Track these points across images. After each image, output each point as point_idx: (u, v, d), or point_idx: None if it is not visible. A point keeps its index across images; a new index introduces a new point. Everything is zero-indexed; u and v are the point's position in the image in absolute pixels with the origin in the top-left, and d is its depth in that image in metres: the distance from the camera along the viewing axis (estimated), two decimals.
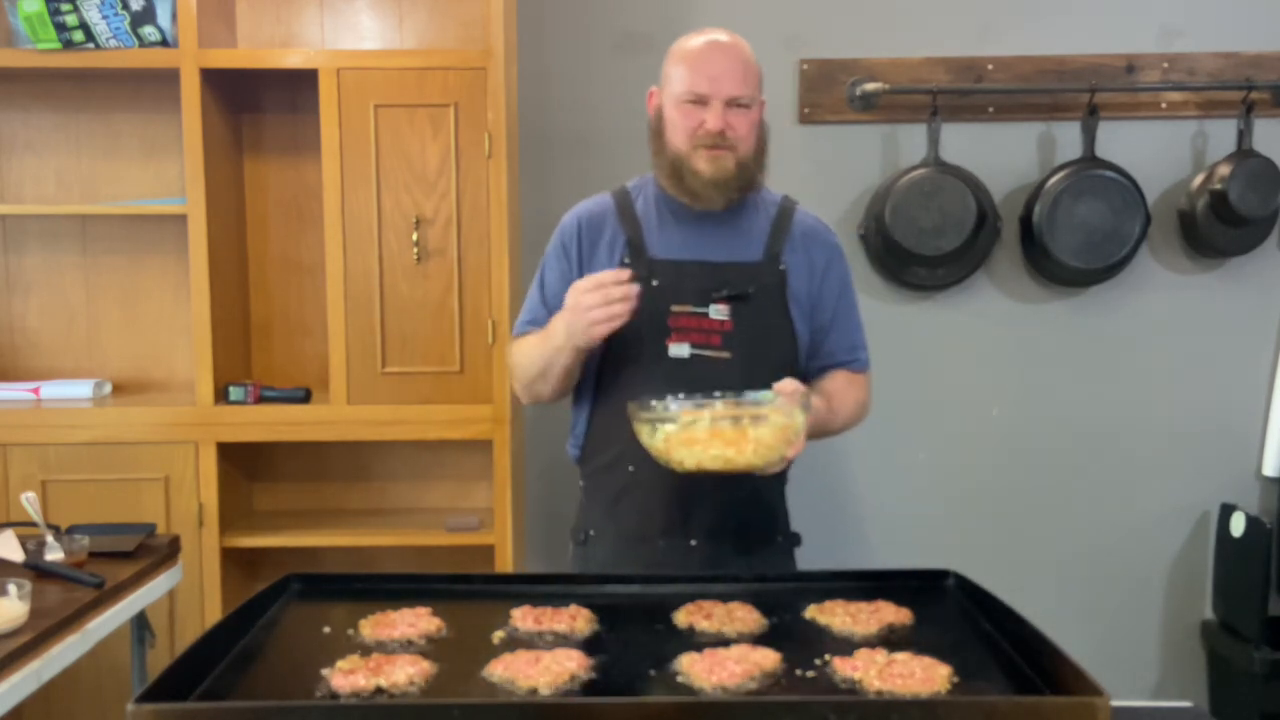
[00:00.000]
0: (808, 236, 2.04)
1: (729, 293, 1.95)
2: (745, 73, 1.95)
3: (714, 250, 1.99)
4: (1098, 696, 1.15)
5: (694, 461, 1.65)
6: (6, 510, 2.59)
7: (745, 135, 1.95)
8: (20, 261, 2.97)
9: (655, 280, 1.96)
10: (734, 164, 1.95)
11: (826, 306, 2.03)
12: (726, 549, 1.97)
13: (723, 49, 1.97)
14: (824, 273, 2.03)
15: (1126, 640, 3.12)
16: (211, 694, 1.28)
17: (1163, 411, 3.07)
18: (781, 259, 2.00)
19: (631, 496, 1.99)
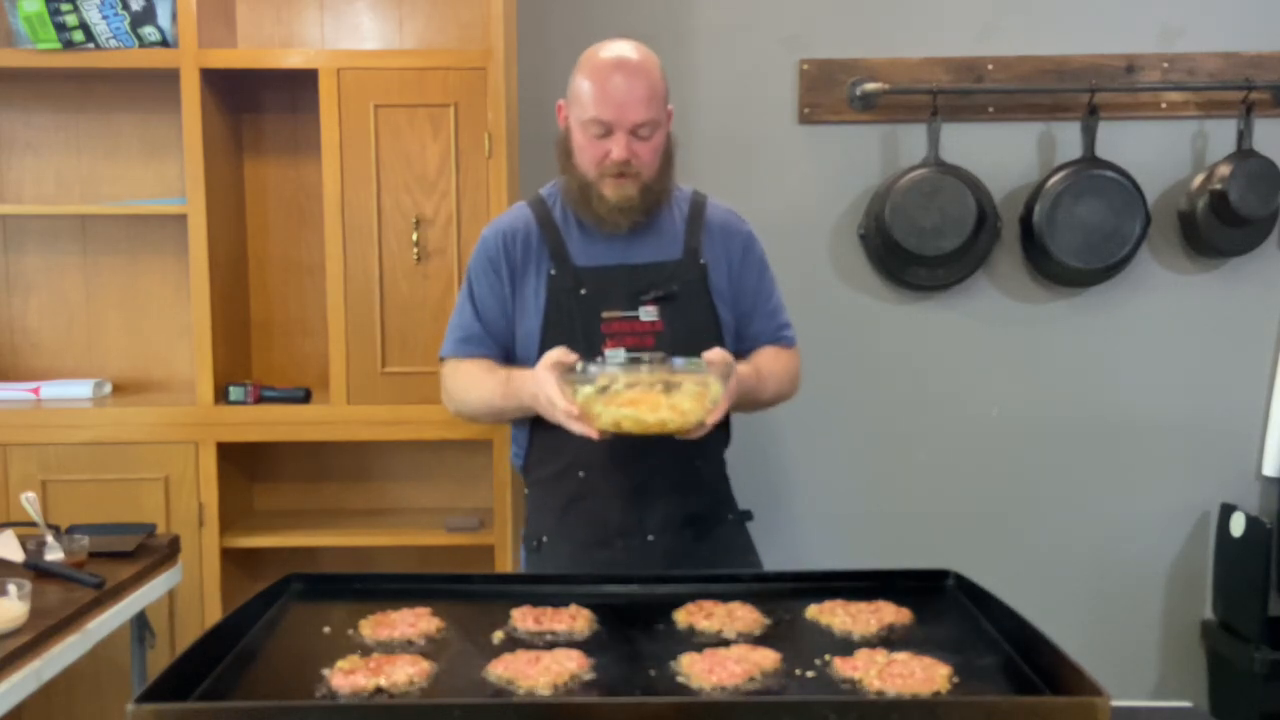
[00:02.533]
0: (722, 229, 2.08)
1: (656, 294, 1.98)
2: (650, 98, 1.93)
3: (635, 253, 2.02)
4: (1098, 696, 1.15)
5: (610, 420, 1.71)
6: (6, 510, 2.59)
7: (649, 161, 1.97)
8: (20, 261, 2.97)
9: (583, 289, 1.99)
10: (637, 190, 1.96)
11: (748, 293, 2.08)
12: (685, 536, 2.02)
13: (628, 71, 1.92)
14: (741, 261, 2.07)
15: (1126, 640, 3.12)
16: (211, 694, 1.28)
17: (1163, 412, 3.07)
18: (701, 254, 2.03)
19: (585, 502, 2.02)
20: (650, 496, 2.00)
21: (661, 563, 1.98)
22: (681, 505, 2.02)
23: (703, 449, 1.98)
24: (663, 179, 2.00)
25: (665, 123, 1.99)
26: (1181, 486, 3.09)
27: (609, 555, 2.00)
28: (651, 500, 2.00)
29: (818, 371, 3.07)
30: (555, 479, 2.04)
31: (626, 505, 2.00)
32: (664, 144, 1.99)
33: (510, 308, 2.04)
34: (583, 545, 2.03)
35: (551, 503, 2.06)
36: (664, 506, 2.01)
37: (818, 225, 3.05)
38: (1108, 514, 3.09)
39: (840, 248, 3.05)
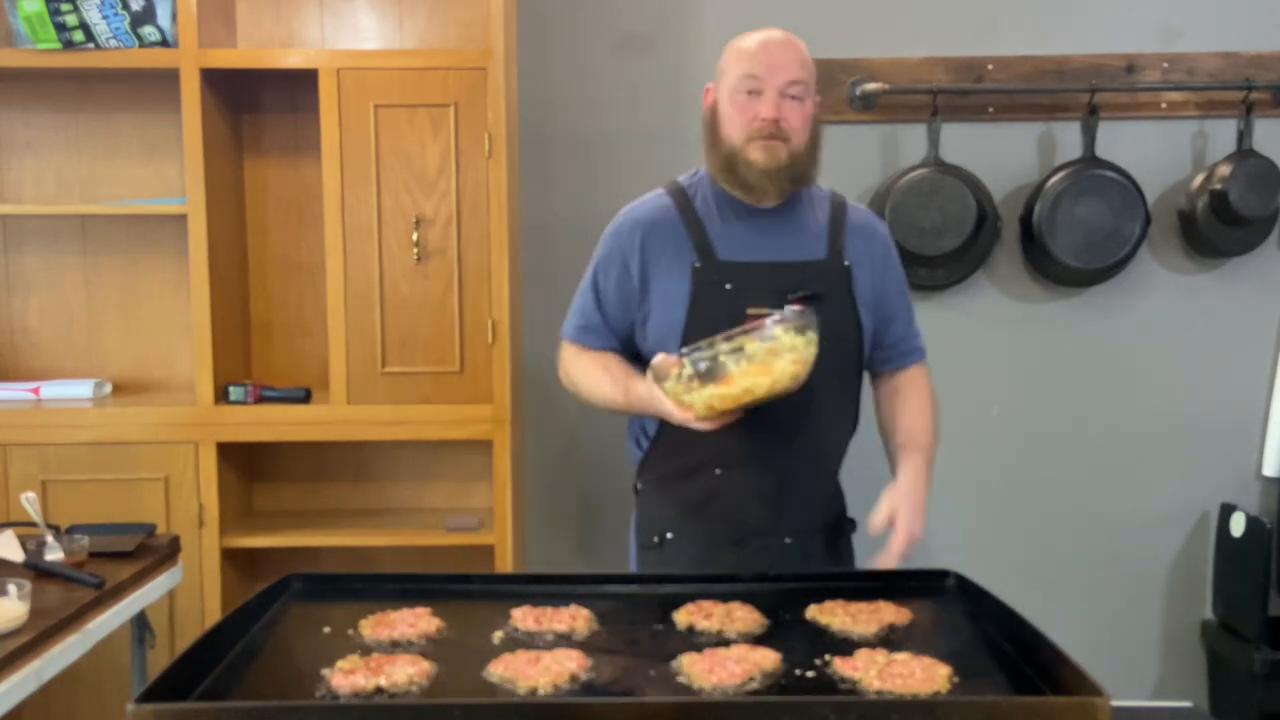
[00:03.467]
0: (864, 230, 2.06)
1: (804, 293, 1.94)
2: (801, 64, 1.98)
3: (779, 250, 1.99)
4: (1098, 696, 1.15)
5: (702, 404, 1.74)
6: (6, 510, 2.59)
7: (798, 127, 1.96)
8: (20, 261, 2.97)
9: (728, 284, 1.96)
10: (786, 154, 1.95)
11: (890, 297, 2.07)
12: (818, 542, 2.02)
13: (779, 43, 2.00)
14: (884, 265, 2.06)
15: (1126, 640, 3.12)
16: (211, 694, 1.28)
17: (1162, 411, 3.07)
18: (845, 256, 2.02)
19: (720, 500, 1.99)
20: (789, 497, 1.98)
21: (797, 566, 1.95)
22: (820, 509, 2.04)
23: (837, 450, 2.07)
24: (810, 154, 2.00)
25: (812, 96, 2.01)
26: (1181, 486, 3.09)
27: (743, 555, 1.96)
28: (790, 501, 1.99)
29: None
30: (684, 476, 2.00)
31: (765, 505, 1.98)
32: (812, 118, 2.00)
33: (637, 300, 2.02)
34: (714, 545, 1.99)
35: (678, 500, 2.02)
36: (803, 509, 2.00)
37: None
38: (1108, 514, 3.09)
39: None
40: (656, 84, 3.02)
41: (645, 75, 3.02)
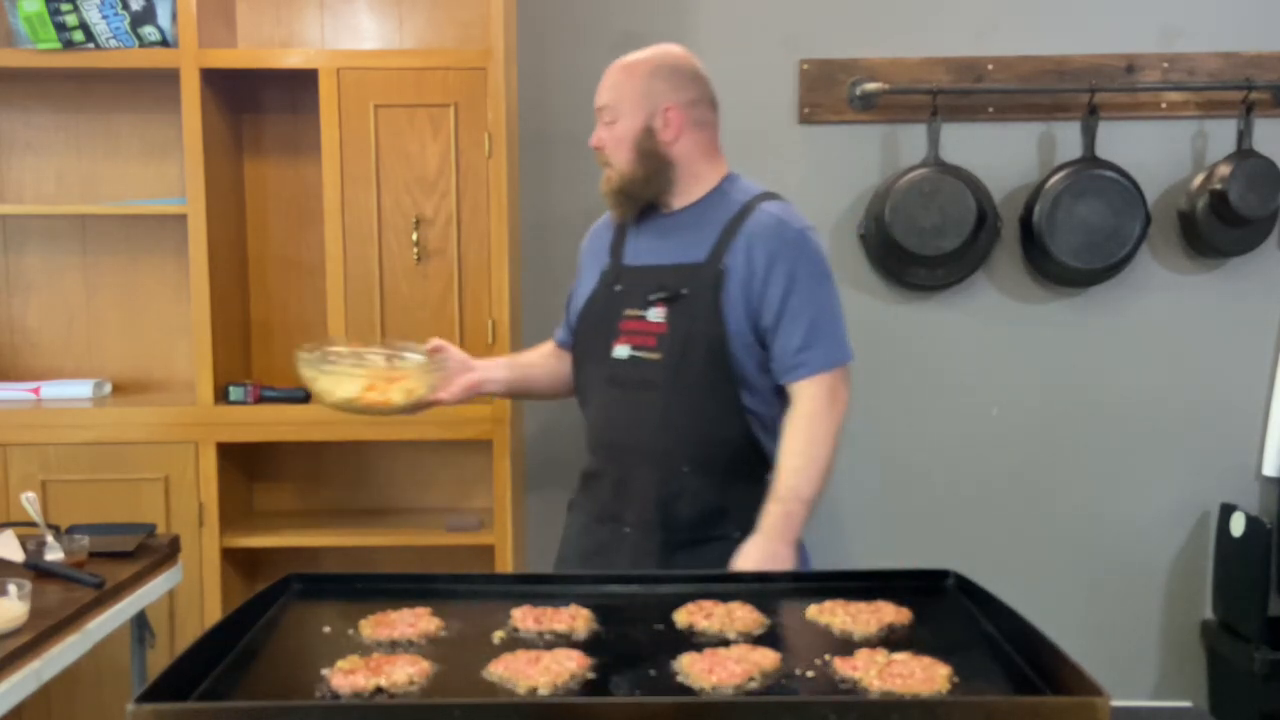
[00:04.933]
0: (756, 235, 2.01)
1: (660, 295, 2.02)
2: (609, 88, 2.07)
3: (669, 254, 2.06)
4: (1098, 696, 1.15)
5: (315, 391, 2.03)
6: (6, 510, 2.59)
7: (613, 149, 2.06)
8: (20, 261, 2.97)
9: (618, 286, 2.09)
10: (615, 177, 2.07)
11: (770, 307, 1.99)
12: (657, 539, 2.03)
13: (613, 65, 2.09)
14: (766, 272, 1.99)
15: (1126, 640, 3.12)
16: (211, 694, 1.28)
17: (1163, 411, 3.07)
18: (723, 260, 2.01)
19: (590, 481, 2.15)
20: (631, 488, 2.05)
21: (630, 555, 2.03)
22: (664, 506, 2.02)
23: (692, 456, 2.01)
24: (638, 172, 2.05)
25: (633, 114, 2.04)
26: (1181, 486, 3.09)
27: (596, 540, 2.10)
28: (632, 492, 2.05)
29: None
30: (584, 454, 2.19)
31: (613, 494, 2.08)
32: (634, 137, 2.04)
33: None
34: (585, 522, 2.15)
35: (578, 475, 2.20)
36: (643, 503, 2.04)
37: (818, 225, 2.97)
38: (1108, 514, 3.09)
39: (840, 248, 3.05)
40: None
41: None
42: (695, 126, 2.06)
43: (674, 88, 2.05)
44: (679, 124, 2.04)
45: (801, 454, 1.96)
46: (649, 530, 2.03)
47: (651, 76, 2.04)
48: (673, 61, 2.08)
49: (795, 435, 1.97)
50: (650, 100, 2.04)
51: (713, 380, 1.99)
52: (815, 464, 1.96)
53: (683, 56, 2.10)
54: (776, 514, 1.93)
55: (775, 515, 1.93)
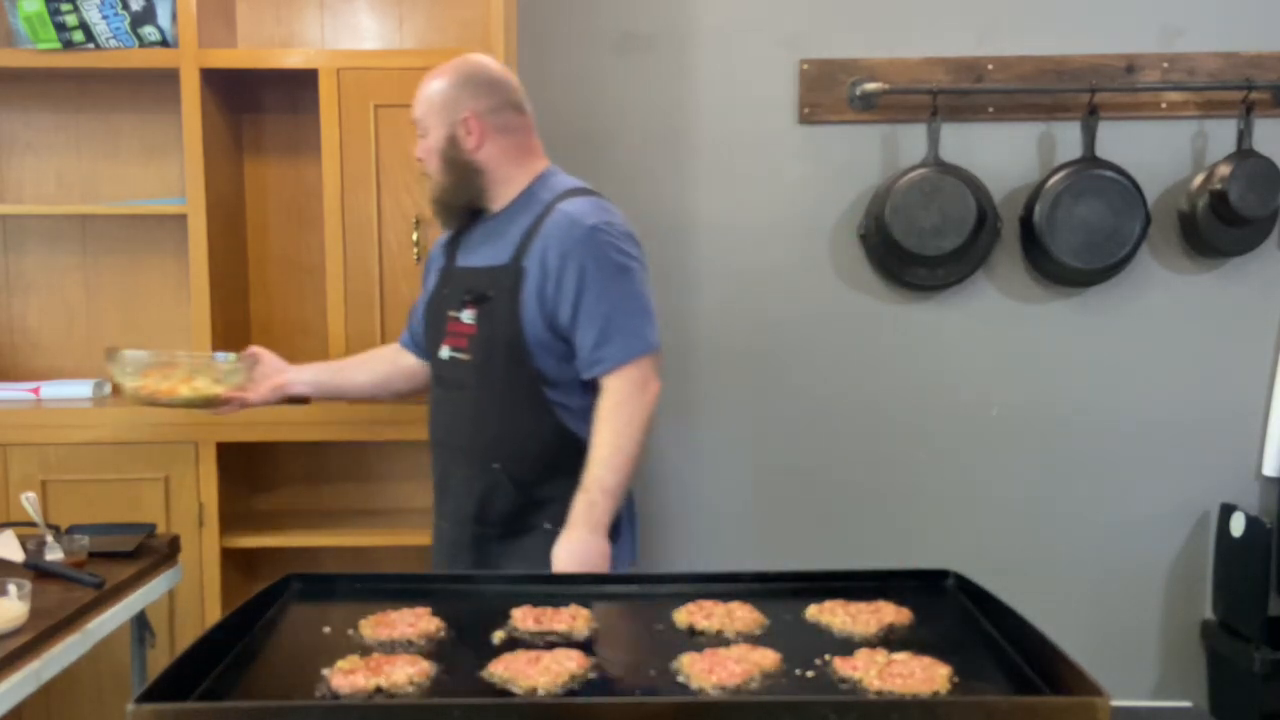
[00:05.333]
0: (550, 235, 2.04)
1: (467, 298, 2.09)
2: (421, 99, 2.13)
3: (483, 256, 2.12)
4: (1098, 696, 1.15)
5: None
6: (6, 510, 2.59)
7: (426, 161, 2.14)
8: (20, 261, 2.97)
9: (446, 288, 2.17)
10: (432, 188, 2.15)
11: (565, 305, 2.02)
12: (472, 531, 2.11)
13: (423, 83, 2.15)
14: (559, 270, 2.02)
15: (1126, 640, 3.12)
16: (211, 694, 1.28)
17: (1163, 411, 3.07)
18: (522, 261, 2.05)
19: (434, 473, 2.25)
20: (447, 484, 2.17)
21: (449, 550, 2.16)
22: (475, 503, 2.10)
23: (502, 453, 2.07)
24: (447, 181, 2.12)
25: (437, 126, 2.11)
26: (1181, 486, 3.09)
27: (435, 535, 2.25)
28: (447, 488, 2.17)
29: (818, 371, 3.08)
30: None
31: (438, 488, 2.21)
32: (440, 149, 2.11)
33: None
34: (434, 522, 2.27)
35: None
36: (457, 499, 2.13)
37: (818, 225, 3.05)
38: (1108, 514, 3.09)
39: (840, 248, 3.05)
40: (656, 84, 3.02)
41: (645, 75, 3.02)
42: (499, 132, 2.11)
43: (472, 96, 2.10)
44: (480, 131, 2.10)
45: (606, 444, 2.00)
46: (464, 525, 2.12)
47: (450, 88, 2.11)
48: (469, 71, 2.13)
49: (601, 428, 2.02)
50: (450, 111, 2.10)
51: (516, 379, 2.05)
52: (619, 454, 2.00)
53: (481, 65, 2.15)
54: (581, 504, 1.99)
55: (580, 505, 2.00)
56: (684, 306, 3.06)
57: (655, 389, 2.05)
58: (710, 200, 3.04)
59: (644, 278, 2.08)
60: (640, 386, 2.02)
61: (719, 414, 3.09)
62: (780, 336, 3.07)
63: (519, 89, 2.17)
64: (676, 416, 3.09)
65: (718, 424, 3.09)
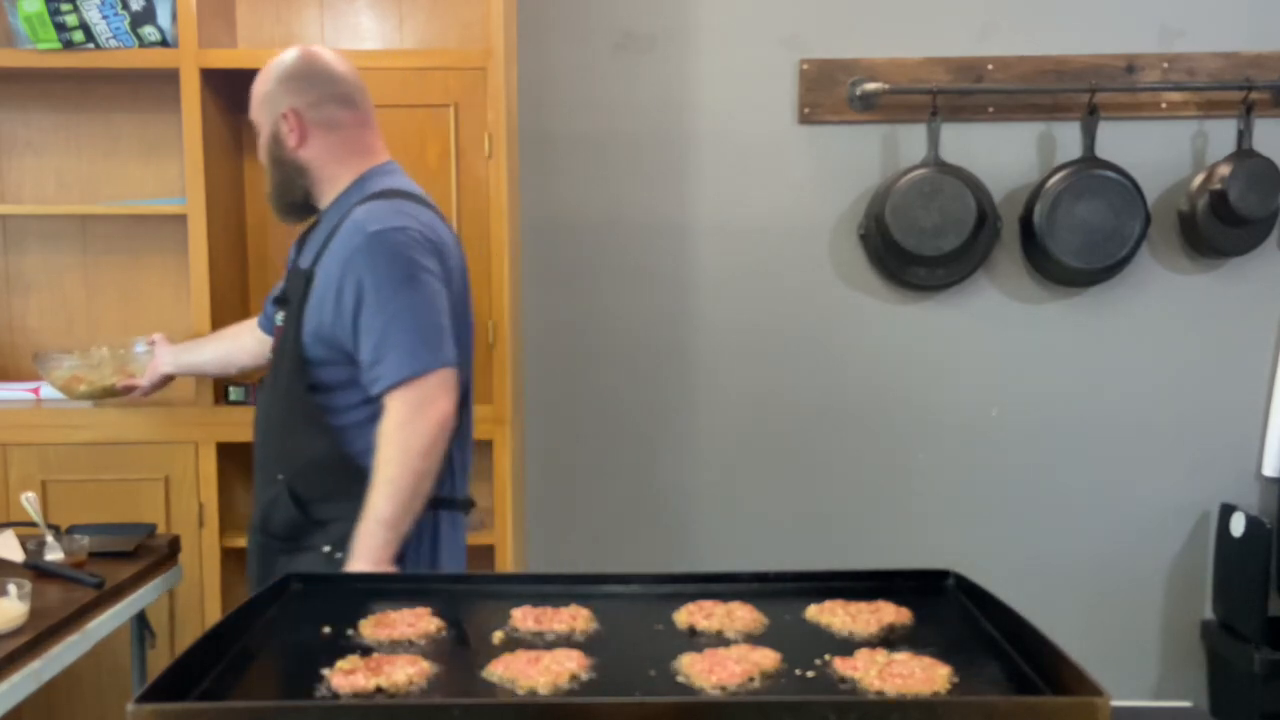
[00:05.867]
0: (340, 242, 1.93)
1: (279, 300, 2.07)
2: (253, 96, 2.06)
3: (303, 257, 2.06)
4: (1098, 696, 1.15)
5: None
6: (6, 510, 2.59)
7: (261, 159, 2.08)
8: (20, 261, 2.97)
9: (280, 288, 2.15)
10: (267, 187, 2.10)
11: (345, 316, 1.90)
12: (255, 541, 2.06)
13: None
14: (340, 281, 1.90)
15: (1126, 640, 3.12)
16: (211, 694, 1.28)
17: (1162, 411, 3.07)
18: (315, 266, 1.97)
19: None
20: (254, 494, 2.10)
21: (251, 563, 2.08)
22: (259, 511, 2.04)
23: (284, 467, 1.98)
24: (274, 178, 2.06)
25: (264, 124, 2.03)
26: (1181, 486, 3.09)
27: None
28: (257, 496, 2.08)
29: (817, 371, 3.08)
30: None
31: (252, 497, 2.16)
32: (266, 145, 2.04)
33: None
34: None
35: None
36: (258, 507, 2.05)
37: (818, 225, 3.05)
38: (1108, 513, 3.10)
39: (840, 248, 3.05)
40: (656, 84, 3.02)
41: (645, 75, 3.03)
42: (324, 128, 2.00)
43: (292, 91, 1.99)
44: (301, 127, 1.99)
45: (381, 471, 1.85)
46: (253, 533, 2.06)
47: (271, 83, 2.01)
48: (292, 65, 2.01)
49: (379, 453, 1.87)
50: (272, 107, 2.01)
51: (296, 392, 1.96)
52: (393, 483, 1.84)
53: (306, 58, 2.03)
54: (360, 532, 1.86)
55: (360, 533, 1.86)
56: (684, 306, 3.06)
57: (438, 411, 1.86)
58: (710, 200, 3.04)
59: (435, 289, 1.91)
60: (417, 408, 1.85)
61: (718, 413, 3.09)
62: (780, 336, 3.07)
63: (351, 82, 2.04)
64: (676, 416, 3.09)
65: (717, 423, 3.09)
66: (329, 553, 1.92)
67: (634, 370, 3.08)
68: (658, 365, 3.08)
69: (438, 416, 1.86)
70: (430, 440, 1.85)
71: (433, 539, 1.99)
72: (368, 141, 2.07)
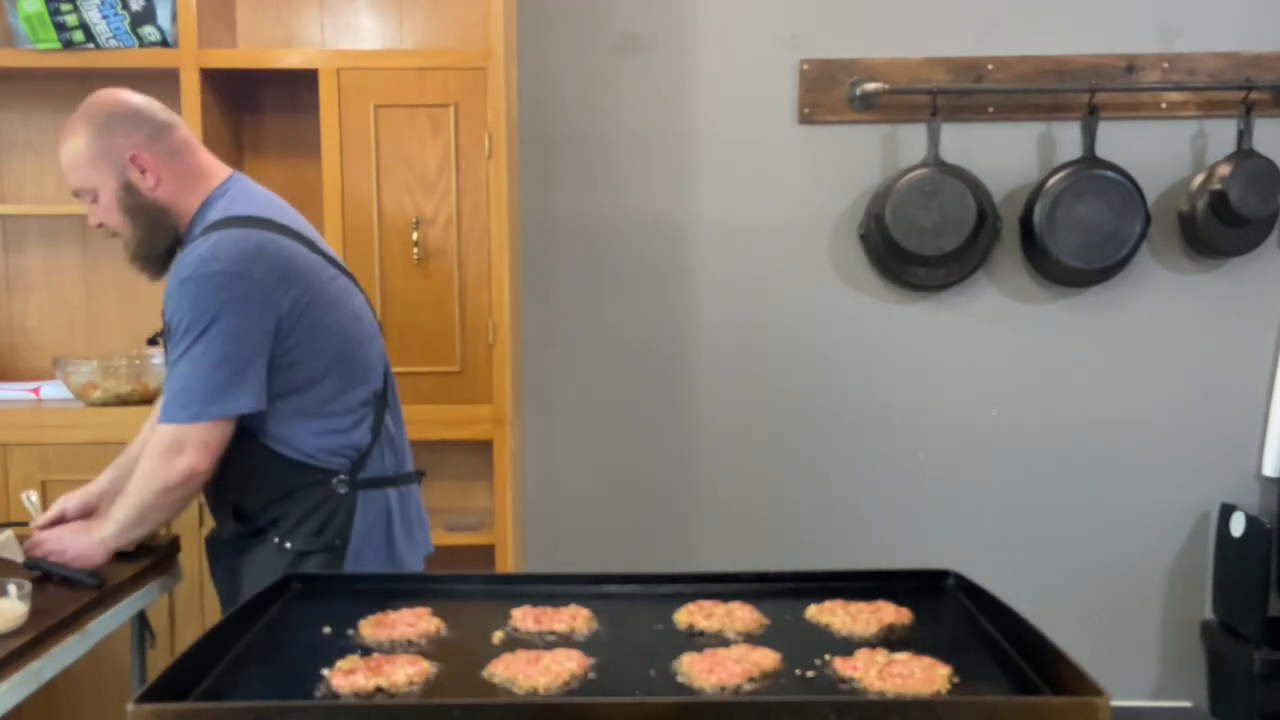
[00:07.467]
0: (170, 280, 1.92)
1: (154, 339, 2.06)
2: (66, 170, 1.96)
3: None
4: (1098, 696, 1.15)
5: None
6: (6, 510, 2.59)
7: (109, 220, 1.96)
8: (20, 261, 2.97)
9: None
10: (128, 247, 1.99)
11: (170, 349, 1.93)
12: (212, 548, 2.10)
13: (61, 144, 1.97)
14: (170, 314, 1.91)
15: (1126, 640, 3.12)
16: (211, 694, 1.28)
17: (1163, 411, 3.07)
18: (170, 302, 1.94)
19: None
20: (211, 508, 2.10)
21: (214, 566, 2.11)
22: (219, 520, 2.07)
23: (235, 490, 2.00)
24: (138, 230, 1.96)
25: (105, 180, 1.93)
26: (1181, 486, 3.09)
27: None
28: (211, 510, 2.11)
29: (817, 371, 3.08)
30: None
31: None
32: (115, 199, 1.94)
33: None
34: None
35: None
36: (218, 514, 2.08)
37: (818, 225, 3.05)
38: (1108, 514, 3.09)
39: (840, 248, 3.05)
40: (656, 84, 3.02)
41: (645, 75, 3.03)
42: (166, 160, 1.96)
43: (125, 134, 1.94)
44: (154, 166, 1.94)
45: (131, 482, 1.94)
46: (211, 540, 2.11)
47: (98, 137, 1.94)
48: (108, 110, 1.97)
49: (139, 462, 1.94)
50: (114, 158, 1.93)
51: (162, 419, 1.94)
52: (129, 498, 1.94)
53: (114, 100, 2.00)
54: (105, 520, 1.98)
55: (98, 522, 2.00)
56: (684, 306, 3.06)
57: (186, 464, 1.87)
58: (710, 200, 3.04)
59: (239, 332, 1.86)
60: (172, 452, 1.87)
61: (718, 414, 3.09)
62: (780, 336, 3.07)
63: (156, 108, 2.01)
64: (676, 416, 3.09)
65: (717, 423, 3.09)
66: (278, 544, 1.98)
67: (634, 370, 3.09)
68: (658, 365, 3.08)
69: (184, 468, 1.88)
70: (170, 484, 1.89)
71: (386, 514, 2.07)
72: (203, 163, 2.02)
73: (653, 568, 1.71)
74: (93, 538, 1.99)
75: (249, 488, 1.99)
